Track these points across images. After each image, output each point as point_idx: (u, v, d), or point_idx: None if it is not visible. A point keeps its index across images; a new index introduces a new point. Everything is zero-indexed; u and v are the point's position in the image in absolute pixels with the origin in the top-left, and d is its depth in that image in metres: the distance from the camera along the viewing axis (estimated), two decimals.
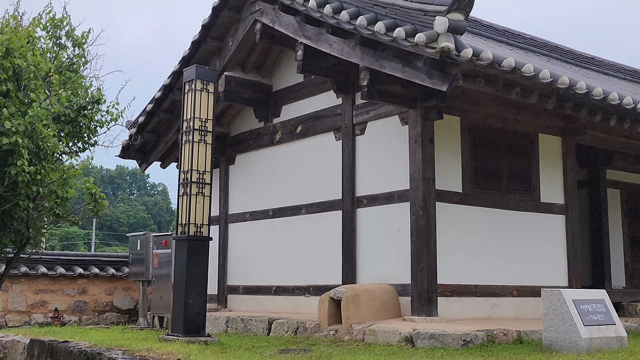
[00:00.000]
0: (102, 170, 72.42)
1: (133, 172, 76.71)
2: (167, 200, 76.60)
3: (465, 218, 9.21)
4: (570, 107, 8.83)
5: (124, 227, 62.41)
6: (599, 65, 15.50)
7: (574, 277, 10.20)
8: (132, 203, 72.14)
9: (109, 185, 74.03)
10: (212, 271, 10.34)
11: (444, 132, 9.09)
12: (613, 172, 13.83)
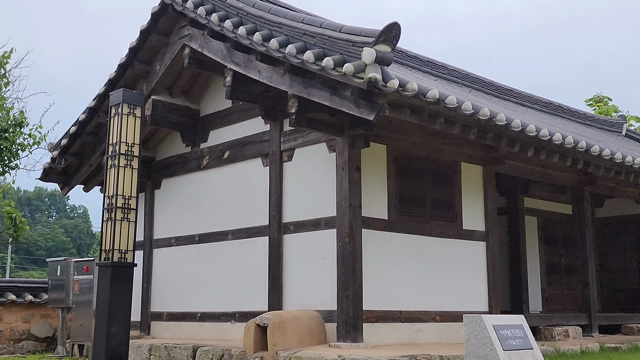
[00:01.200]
0: (19, 192, 70.05)
1: (52, 194, 74.54)
2: (88, 223, 74.67)
3: (390, 245, 9.36)
4: (490, 137, 9.15)
5: (42, 251, 60.44)
6: (517, 97, 16.11)
7: (494, 302, 10.48)
8: (51, 226, 70.00)
9: (27, 207, 71.66)
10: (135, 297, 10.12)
11: (371, 160, 9.25)
12: (530, 200, 14.37)
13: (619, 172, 11.59)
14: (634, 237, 15.26)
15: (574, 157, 10.52)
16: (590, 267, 12.70)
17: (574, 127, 15.11)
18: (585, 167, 11.01)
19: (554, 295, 14.69)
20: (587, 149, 10.36)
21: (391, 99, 7.58)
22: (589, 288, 12.56)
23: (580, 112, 18.61)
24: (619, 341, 11.19)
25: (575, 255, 13.13)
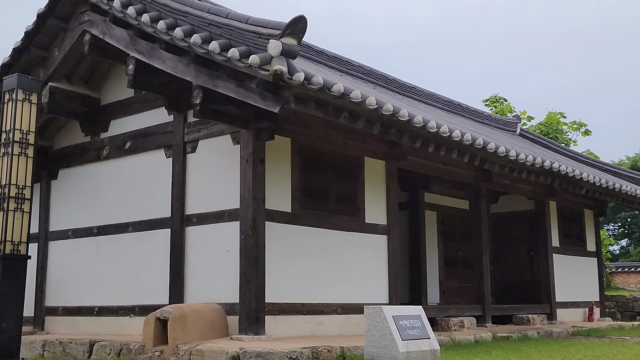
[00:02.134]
0: None
1: None
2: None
3: (293, 238, 9.40)
4: (393, 133, 9.35)
5: None
6: (419, 94, 16.52)
7: (394, 294, 10.72)
8: None
9: None
10: (29, 291, 9.74)
11: (275, 153, 9.26)
12: (431, 195, 14.78)
13: (513, 169, 12.09)
14: (526, 232, 15.94)
15: (472, 154, 10.89)
16: (485, 260, 13.19)
17: (473, 125, 15.64)
18: (482, 163, 11.42)
19: (451, 287, 15.18)
20: (484, 146, 10.74)
21: (296, 92, 7.61)
22: (484, 281, 13.05)
23: (479, 111, 19.29)
24: (510, 331, 11.68)
25: (472, 249, 13.60)
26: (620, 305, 19.43)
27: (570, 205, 16.36)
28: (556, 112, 26.97)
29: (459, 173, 12.74)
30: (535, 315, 13.95)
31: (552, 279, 15.04)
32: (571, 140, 26.76)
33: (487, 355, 8.17)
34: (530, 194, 14.96)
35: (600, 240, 17.94)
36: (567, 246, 16.06)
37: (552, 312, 14.85)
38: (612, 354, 8.32)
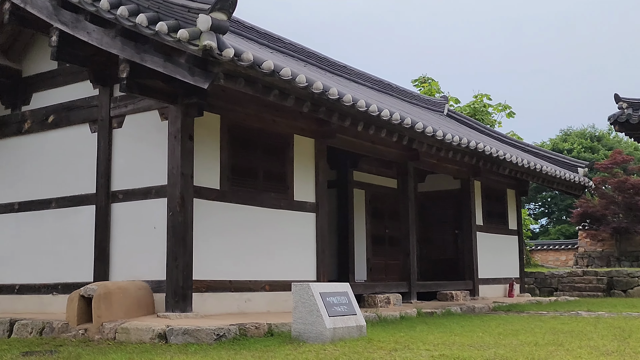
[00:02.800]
0: None
1: None
2: None
3: (222, 215, 9.36)
4: (323, 111, 9.38)
5: None
6: (350, 73, 16.58)
7: (322, 271, 10.82)
8: None
9: None
10: None
11: (204, 130, 9.17)
12: (359, 173, 14.93)
13: (440, 149, 12.32)
14: (452, 210, 16.31)
15: (400, 133, 11.03)
16: (412, 238, 13.45)
17: (401, 105, 15.83)
18: (410, 143, 11.59)
19: (378, 265, 15.42)
20: (412, 125, 10.90)
21: (226, 68, 7.54)
22: (410, 258, 13.31)
23: (407, 91, 19.52)
24: (434, 307, 11.97)
25: (399, 227, 13.82)
26: (539, 282, 20.13)
27: (494, 184, 16.82)
28: (482, 94, 27.57)
29: (388, 152, 12.91)
30: (458, 292, 14.33)
31: (475, 257, 15.47)
32: (496, 122, 27.43)
33: (411, 330, 8.35)
34: (456, 173, 15.29)
35: (521, 219, 18.52)
36: (490, 225, 16.52)
37: (474, 288, 15.29)
38: (530, 327, 8.63)
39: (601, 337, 7.34)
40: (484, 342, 7.06)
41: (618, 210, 28.67)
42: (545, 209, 48.07)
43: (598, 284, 18.87)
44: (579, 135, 49.69)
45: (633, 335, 7.47)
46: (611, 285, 18.78)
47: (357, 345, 6.77)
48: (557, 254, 33.69)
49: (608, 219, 28.77)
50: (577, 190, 18.60)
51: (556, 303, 14.98)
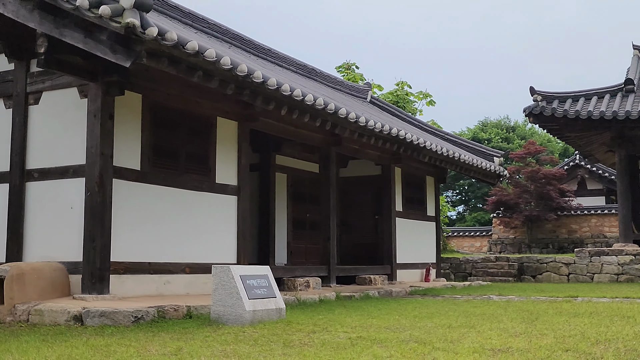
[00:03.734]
0: None
1: None
2: None
3: (142, 196, 9.23)
4: (247, 94, 9.36)
5: None
6: (275, 57, 16.54)
7: (243, 254, 10.83)
8: None
9: None
10: None
11: (125, 109, 8.99)
12: (282, 157, 14.96)
13: (362, 135, 12.48)
14: (372, 196, 16.57)
15: (323, 119, 11.12)
16: (332, 223, 13.60)
17: (326, 90, 15.93)
18: (333, 128, 11.69)
19: (299, 248, 15.53)
20: (335, 111, 11.00)
21: (149, 47, 7.41)
22: (330, 242, 13.46)
23: (332, 76, 19.64)
24: (353, 290, 12.17)
25: (320, 211, 13.95)
26: (454, 267, 20.70)
27: (414, 171, 17.17)
28: (404, 82, 28.01)
29: (311, 137, 12.98)
30: (377, 276, 14.61)
31: (394, 242, 15.78)
32: (417, 110, 27.94)
33: (330, 313, 8.48)
34: (377, 159, 15.53)
35: (439, 205, 19.00)
36: (410, 211, 16.87)
37: (392, 273, 15.62)
38: (444, 311, 8.90)
39: (510, 320, 7.64)
40: (400, 324, 7.24)
41: (530, 199, 29.79)
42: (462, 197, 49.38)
43: (509, 269, 19.56)
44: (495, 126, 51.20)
45: (540, 318, 7.81)
46: (522, 270, 19.51)
47: (276, 328, 6.84)
48: (472, 240, 34.70)
49: (521, 207, 29.86)
50: (493, 178, 19.20)
51: (470, 287, 15.47)
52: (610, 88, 20.15)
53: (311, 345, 5.67)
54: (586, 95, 19.95)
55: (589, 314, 8.26)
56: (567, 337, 6.03)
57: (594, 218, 30.15)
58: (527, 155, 31.77)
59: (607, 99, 19.61)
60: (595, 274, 18.40)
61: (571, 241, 29.71)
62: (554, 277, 18.91)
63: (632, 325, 6.95)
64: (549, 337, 6.04)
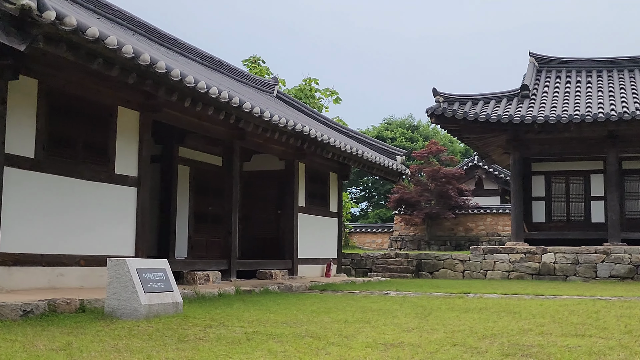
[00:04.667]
0: None
1: None
2: None
3: (36, 185, 8.90)
4: (150, 84, 9.18)
5: None
6: (180, 47, 16.29)
7: (141, 247, 10.62)
8: None
9: None
10: None
11: (19, 94, 8.64)
12: (185, 149, 14.75)
13: (266, 129, 12.47)
14: (275, 190, 16.60)
15: (227, 112, 11.04)
16: (234, 217, 13.53)
17: (231, 84, 15.81)
18: (237, 122, 11.63)
19: (200, 242, 15.37)
20: (240, 105, 10.94)
21: (46, 31, 7.15)
22: (232, 236, 13.39)
23: (238, 70, 19.51)
24: (253, 285, 12.16)
25: (222, 205, 13.85)
26: (355, 263, 21.04)
27: (318, 167, 17.31)
28: (311, 78, 28.16)
29: (215, 129, 12.87)
30: (278, 271, 14.66)
31: (295, 237, 15.86)
32: (323, 106, 28.16)
33: (228, 308, 8.45)
34: (281, 154, 15.56)
35: (342, 202, 19.24)
36: (312, 206, 17.01)
37: (293, 268, 15.70)
38: (342, 306, 9.04)
39: (405, 315, 7.85)
40: (297, 319, 7.31)
41: (431, 197, 30.63)
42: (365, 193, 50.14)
43: (408, 265, 20.06)
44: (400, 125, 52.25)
45: (433, 314, 8.06)
46: (420, 267, 20.04)
47: (172, 322, 6.76)
48: (374, 236, 35.33)
49: (421, 205, 30.65)
50: (395, 176, 19.60)
51: (369, 283, 15.75)
52: (508, 93, 20.98)
53: (206, 340, 5.64)
54: (485, 99, 20.69)
55: (479, 310, 8.59)
56: (457, 332, 6.25)
57: (489, 217, 31.30)
58: (429, 154, 32.62)
59: (504, 103, 20.41)
60: (489, 271, 19.14)
61: (468, 239, 30.75)
62: (450, 273, 19.53)
63: (517, 321, 7.28)
64: (439, 332, 6.25)
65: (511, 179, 21.46)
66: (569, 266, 18.49)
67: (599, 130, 19.43)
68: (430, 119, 20.70)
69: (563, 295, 11.57)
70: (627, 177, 21.56)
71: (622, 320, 7.41)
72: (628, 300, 10.40)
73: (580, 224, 21.80)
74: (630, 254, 18.13)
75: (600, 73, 23.16)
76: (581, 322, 7.19)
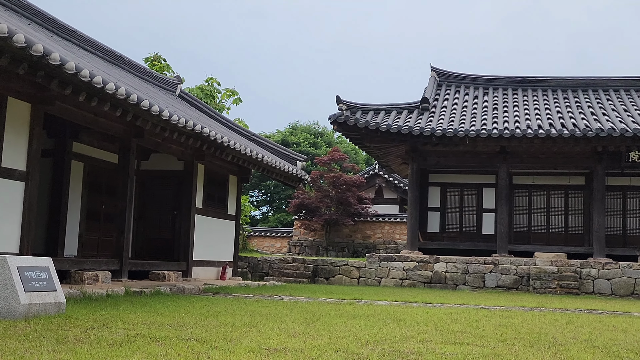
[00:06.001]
0: None
1: None
2: None
3: None
4: (42, 76, 8.87)
5: None
6: (79, 39, 15.82)
7: (27, 244, 10.22)
8: None
9: None
10: None
11: None
12: (79, 145, 14.30)
13: (165, 128, 12.27)
14: (173, 191, 16.34)
15: (124, 109, 10.79)
16: (128, 216, 13.23)
17: (132, 80, 15.48)
18: (134, 119, 11.39)
19: (91, 241, 14.93)
20: (137, 102, 10.73)
21: None
22: (124, 236, 13.08)
23: (141, 66, 19.12)
24: (145, 286, 11.93)
25: (116, 204, 13.51)
26: (252, 266, 20.97)
27: (217, 169, 17.18)
28: (213, 78, 27.92)
29: (111, 126, 12.55)
30: (171, 272, 14.44)
31: (191, 239, 15.68)
32: (225, 107, 27.97)
33: (115, 309, 8.25)
34: (180, 154, 15.34)
35: (240, 205, 19.17)
36: (210, 208, 16.86)
37: (188, 270, 15.51)
38: (232, 310, 9.00)
39: (293, 320, 7.90)
40: (184, 322, 7.22)
41: (331, 204, 30.98)
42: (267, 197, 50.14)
43: (305, 270, 20.18)
44: (305, 130, 52.60)
45: (321, 319, 8.15)
46: (316, 272, 20.21)
47: (53, 323, 6.55)
48: (273, 240, 35.37)
49: (322, 211, 30.95)
50: (295, 181, 19.71)
51: (264, 287, 15.76)
52: (409, 105, 21.52)
53: (85, 342, 5.49)
54: (387, 109, 21.14)
55: (366, 316, 8.75)
56: (341, 338, 6.35)
57: (387, 225, 31.95)
58: (332, 161, 33.01)
59: (405, 114, 20.92)
60: (383, 278, 19.53)
61: (365, 246, 31.28)
62: (346, 279, 19.79)
63: (402, 328, 7.47)
64: (324, 338, 6.32)
65: (409, 189, 21.99)
66: (459, 275, 19.12)
67: (492, 145, 20.23)
68: (332, 126, 20.93)
69: (450, 304, 11.95)
70: (516, 192, 22.51)
71: (499, 329, 7.73)
72: (508, 310, 10.86)
73: (471, 235, 22.60)
74: (516, 265, 18.95)
75: (496, 91, 24.14)
76: (461, 330, 7.46)
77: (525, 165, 21.15)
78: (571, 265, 18.79)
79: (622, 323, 9.21)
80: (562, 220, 22.32)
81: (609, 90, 23.61)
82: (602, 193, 20.32)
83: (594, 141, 19.30)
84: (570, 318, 9.64)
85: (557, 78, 24.50)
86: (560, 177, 22.18)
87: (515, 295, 16.64)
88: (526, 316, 9.72)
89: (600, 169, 20.32)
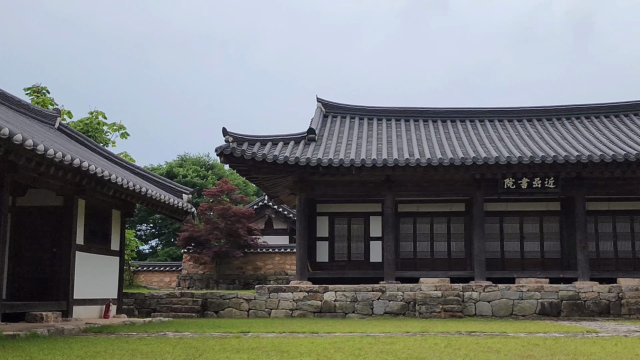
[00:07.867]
0: None
1: None
2: None
3: None
4: None
5: None
6: None
7: None
8: None
9: None
10: None
11: None
12: None
13: (40, 163, 11.82)
14: (52, 227, 15.66)
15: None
16: (3, 254, 12.57)
17: (4, 113, 14.84)
18: (7, 154, 10.91)
19: None
20: (9, 136, 10.30)
21: None
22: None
23: (15, 98, 18.30)
24: (19, 329, 11.34)
25: None
26: (139, 302, 20.36)
27: (100, 204, 16.66)
28: (98, 111, 27.22)
29: None
30: (50, 313, 13.81)
31: (72, 276, 15.07)
32: (110, 141, 27.27)
33: None
34: (59, 189, 14.78)
35: (124, 239, 18.64)
36: (92, 244, 16.30)
37: (68, 309, 14.88)
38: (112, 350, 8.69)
39: (174, 357, 7.73)
40: None
41: (221, 236, 30.68)
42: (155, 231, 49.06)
43: (193, 305, 19.80)
44: (194, 162, 52.03)
45: (204, 354, 8.02)
46: (205, 306, 19.87)
47: None
48: (162, 275, 34.59)
49: (211, 244, 30.59)
50: (181, 215, 19.39)
51: (150, 324, 15.33)
52: (296, 136, 21.73)
53: None
54: (274, 140, 21.26)
55: (251, 350, 8.68)
56: None
57: (277, 256, 31.97)
58: (220, 193, 32.79)
59: (292, 145, 21.10)
60: (273, 309, 19.45)
61: (256, 278, 31.12)
62: (236, 312, 19.57)
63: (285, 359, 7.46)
64: None
65: (297, 220, 22.09)
66: (349, 304, 19.33)
67: (378, 174, 20.71)
68: (219, 158, 20.81)
69: (337, 333, 12.04)
70: (402, 219, 23.10)
71: (381, 355, 7.86)
72: (393, 336, 11.06)
73: (360, 263, 22.95)
74: (402, 292, 19.37)
75: (380, 121, 24.82)
76: (343, 359, 7.52)
77: (410, 193, 21.74)
78: (454, 289, 19.42)
79: (497, 344, 9.59)
80: (446, 246, 23.08)
81: (484, 121, 24.79)
82: (482, 218, 21.18)
83: (471, 169, 20.13)
84: (449, 341, 9.94)
85: (438, 109, 25.47)
86: (443, 204, 22.96)
87: (402, 321, 16.99)
88: (408, 342, 9.93)
89: (479, 195, 21.19)
